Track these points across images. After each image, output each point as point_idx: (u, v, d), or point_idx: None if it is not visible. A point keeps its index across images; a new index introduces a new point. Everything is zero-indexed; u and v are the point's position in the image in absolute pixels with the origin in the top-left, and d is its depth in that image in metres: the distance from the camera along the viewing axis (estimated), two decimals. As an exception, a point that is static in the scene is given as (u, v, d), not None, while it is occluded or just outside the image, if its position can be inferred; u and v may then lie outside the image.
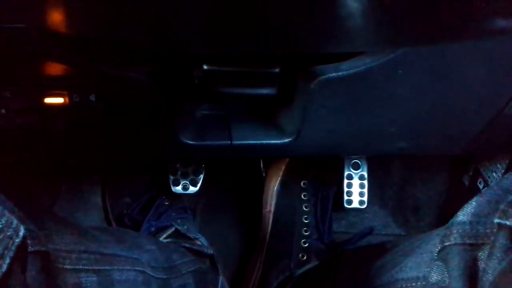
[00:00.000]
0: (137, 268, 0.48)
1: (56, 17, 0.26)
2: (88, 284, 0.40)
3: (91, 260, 0.42)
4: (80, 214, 0.82)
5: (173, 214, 0.76)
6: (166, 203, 0.78)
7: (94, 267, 0.42)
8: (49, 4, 0.24)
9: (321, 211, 0.73)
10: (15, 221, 0.30)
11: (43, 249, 0.34)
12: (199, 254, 0.69)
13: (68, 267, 0.38)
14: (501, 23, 0.23)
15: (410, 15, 0.22)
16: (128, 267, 0.47)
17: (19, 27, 0.30)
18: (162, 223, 0.74)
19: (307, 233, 0.72)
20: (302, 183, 0.74)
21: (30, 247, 0.32)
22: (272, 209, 0.76)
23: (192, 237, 0.72)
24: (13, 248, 0.29)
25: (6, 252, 0.29)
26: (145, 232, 0.72)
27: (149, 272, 0.50)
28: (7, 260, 0.28)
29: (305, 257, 0.70)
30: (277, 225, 0.75)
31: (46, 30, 0.30)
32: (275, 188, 0.76)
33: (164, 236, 0.72)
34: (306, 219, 0.72)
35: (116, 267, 0.45)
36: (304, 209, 0.73)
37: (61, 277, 0.37)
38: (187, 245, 0.69)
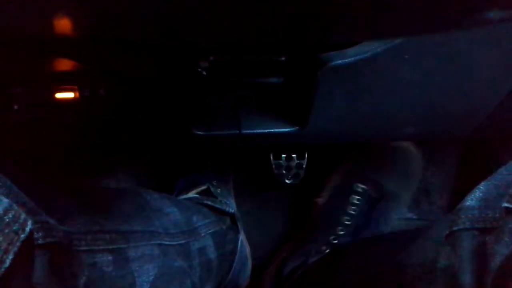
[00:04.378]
0: (153, 242, 0.48)
1: (62, 22, 0.27)
2: (104, 264, 0.39)
3: (106, 240, 0.41)
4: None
5: (212, 173, 0.77)
6: (208, 163, 0.79)
7: (109, 247, 0.41)
8: (56, 10, 0.24)
9: (365, 222, 0.72)
10: (23, 216, 0.29)
11: (54, 240, 0.33)
12: (220, 212, 0.70)
13: (84, 248, 0.38)
14: (502, 13, 0.23)
15: (412, 5, 0.22)
16: (144, 243, 0.46)
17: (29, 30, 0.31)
18: (198, 178, 0.74)
19: (342, 233, 0.72)
20: (359, 188, 0.73)
21: (40, 240, 0.31)
22: (323, 200, 0.77)
23: (220, 199, 0.72)
24: (18, 243, 0.28)
25: (10, 247, 0.27)
26: (180, 185, 0.73)
27: (166, 242, 0.50)
28: (11, 256, 0.27)
29: (327, 250, 0.71)
30: (320, 217, 0.76)
31: (55, 34, 0.30)
32: (334, 182, 0.77)
33: (194, 192, 0.72)
34: (348, 221, 0.72)
35: (132, 244, 0.44)
36: (352, 212, 0.73)
37: (76, 260, 0.37)
38: (209, 202, 0.69)
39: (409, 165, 0.75)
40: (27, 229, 0.29)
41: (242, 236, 0.75)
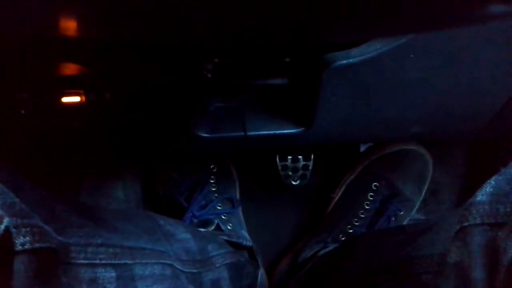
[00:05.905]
0: (163, 261, 0.44)
1: (68, 23, 0.27)
2: (106, 280, 0.37)
3: (109, 253, 0.38)
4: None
5: (219, 206, 0.73)
6: (213, 189, 0.74)
7: (113, 262, 0.38)
8: (61, 11, 0.24)
9: (378, 218, 0.72)
10: None
11: (47, 245, 0.30)
12: (237, 246, 0.68)
13: (83, 261, 0.35)
14: (504, 8, 0.23)
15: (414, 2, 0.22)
16: (153, 261, 0.43)
17: (33, 35, 0.31)
18: (205, 216, 0.70)
19: (357, 223, 0.72)
20: (373, 185, 0.74)
21: (27, 245, 0.29)
22: (338, 196, 0.78)
23: (234, 234, 0.70)
24: None
25: None
26: (186, 222, 0.69)
27: (178, 266, 0.47)
28: None
29: (343, 238, 0.72)
30: (336, 210, 0.77)
31: (59, 36, 0.30)
32: (349, 178, 0.78)
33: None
34: (362, 214, 0.73)
35: (138, 261, 0.41)
36: (366, 206, 0.73)
37: (74, 273, 0.34)
38: (225, 237, 0.66)
39: (424, 173, 0.76)
40: (2, 226, 0.27)
41: (262, 271, 0.73)
